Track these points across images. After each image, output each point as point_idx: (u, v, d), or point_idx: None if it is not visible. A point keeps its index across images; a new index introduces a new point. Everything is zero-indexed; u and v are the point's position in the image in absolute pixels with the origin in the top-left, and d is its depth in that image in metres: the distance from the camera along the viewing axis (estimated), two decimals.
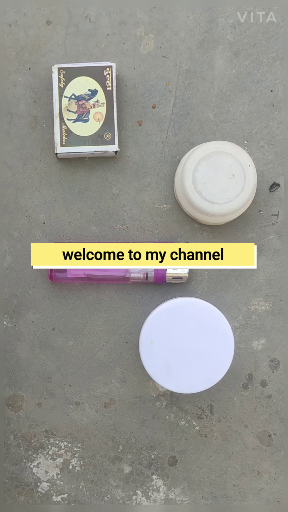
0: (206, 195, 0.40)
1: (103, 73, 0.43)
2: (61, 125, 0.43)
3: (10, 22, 0.45)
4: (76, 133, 0.43)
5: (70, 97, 0.43)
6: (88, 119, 0.43)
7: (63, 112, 0.43)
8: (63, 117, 0.43)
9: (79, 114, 0.43)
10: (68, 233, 0.45)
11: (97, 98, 0.43)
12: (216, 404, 0.45)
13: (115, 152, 0.43)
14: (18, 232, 0.46)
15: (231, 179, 0.39)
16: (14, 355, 0.46)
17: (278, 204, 0.45)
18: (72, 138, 0.43)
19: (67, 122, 0.43)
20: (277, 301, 0.45)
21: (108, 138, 0.43)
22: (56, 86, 0.43)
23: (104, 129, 0.43)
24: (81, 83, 0.43)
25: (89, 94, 0.43)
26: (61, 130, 0.43)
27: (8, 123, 0.45)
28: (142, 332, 0.40)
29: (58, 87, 0.43)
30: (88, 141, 0.43)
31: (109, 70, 0.43)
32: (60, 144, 0.43)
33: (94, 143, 0.43)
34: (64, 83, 0.43)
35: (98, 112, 0.43)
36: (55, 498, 0.46)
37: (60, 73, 0.43)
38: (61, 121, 0.43)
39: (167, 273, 0.43)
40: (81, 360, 0.46)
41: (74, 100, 0.43)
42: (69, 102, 0.43)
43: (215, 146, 0.40)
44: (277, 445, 0.45)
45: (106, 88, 0.43)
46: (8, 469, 0.46)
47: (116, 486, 0.46)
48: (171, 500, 0.46)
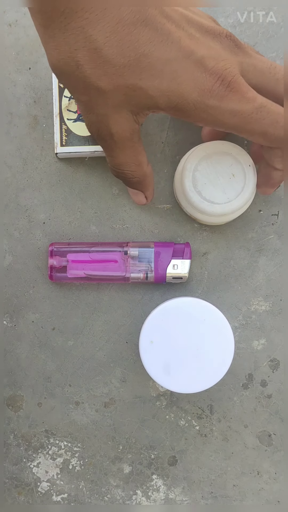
0: (206, 195, 0.40)
1: None
2: (61, 125, 0.43)
3: (10, 22, 0.45)
4: (76, 133, 0.43)
5: (70, 97, 0.43)
6: None
7: (63, 112, 0.43)
8: (63, 117, 0.43)
9: (79, 114, 0.43)
10: (68, 233, 0.45)
11: None
12: (216, 404, 0.45)
13: None
14: (18, 232, 0.46)
15: (231, 179, 0.39)
16: (14, 355, 0.46)
17: (278, 204, 0.45)
18: (72, 138, 0.43)
19: (67, 122, 0.43)
20: (277, 301, 0.45)
21: None
22: (56, 86, 0.43)
23: None
24: None
25: None
26: (61, 130, 0.43)
27: (8, 123, 0.45)
28: (142, 332, 0.40)
29: (58, 86, 0.43)
30: (88, 141, 0.43)
31: None
32: (60, 144, 0.43)
33: (94, 142, 0.43)
34: None
35: None
36: (55, 498, 0.46)
37: None
38: (61, 121, 0.43)
39: (167, 273, 0.43)
40: (81, 360, 0.46)
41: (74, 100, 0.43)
42: (69, 102, 0.43)
43: (215, 146, 0.40)
44: (277, 445, 0.45)
45: None
46: (8, 469, 0.46)
47: (116, 486, 0.46)
48: (171, 500, 0.46)
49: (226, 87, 0.32)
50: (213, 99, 0.32)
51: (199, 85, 0.32)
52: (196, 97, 0.32)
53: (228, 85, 0.32)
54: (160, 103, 0.33)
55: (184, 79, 0.32)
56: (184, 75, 0.32)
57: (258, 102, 0.33)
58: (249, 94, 0.33)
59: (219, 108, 0.33)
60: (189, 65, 0.32)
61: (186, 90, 0.32)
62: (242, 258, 0.45)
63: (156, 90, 0.32)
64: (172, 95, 0.32)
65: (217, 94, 0.32)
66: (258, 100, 0.33)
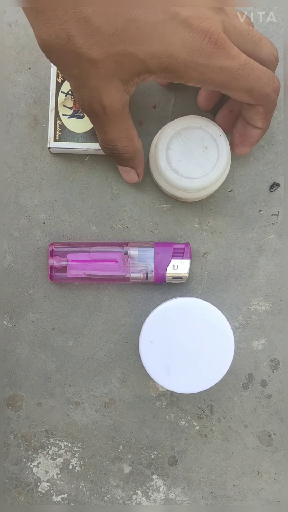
0: (183, 172, 0.40)
1: None
2: (56, 120, 0.43)
3: (10, 22, 0.45)
4: (70, 129, 0.43)
5: (67, 92, 0.43)
6: (83, 116, 0.43)
7: (59, 107, 0.43)
8: (59, 112, 0.43)
9: (74, 110, 0.43)
10: (68, 233, 0.45)
11: None
12: (216, 404, 0.45)
13: None
14: (18, 232, 0.46)
15: (205, 152, 0.40)
16: (14, 355, 0.46)
17: (278, 204, 0.45)
18: (66, 133, 0.43)
19: (62, 118, 0.43)
20: (277, 301, 0.45)
21: None
22: (54, 81, 0.43)
23: None
24: None
25: None
26: (56, 125, 0.43)
27: (8, 123, 0.45)
28: (142, 332, 0.40)
29: (56, 81, 0.43)
30: (82, 137, 0.43)
31: None
32: (54, 139, 0.43)
33: (88, 140, 0.43)
34: (62, 78, 0.43)
35: None
36: (55, 498, 0.46)
37: None
38: (56, 116, 0.43)
39: (167, 273, 0.43)
40: (81, 360, 0.46)
41: (70, 95, 0.43)
42: (66, 97, 0.43)
43: (183, 122, 0.40)
44: (277, 445, 0.45)
45: None
46: (8, 469, 0.46)
47: (116, 486, 0.46)
48: (171, 500, 0.46)
49: (213, 45, 0.33)
50: (202, 57, 0.33)
51: (188, 45, 0.33)
52: (186, 56, 0.33)
53: (216, 42, 0.33)
54: (151, 66, 0.33)
55: (172, 40, 0.33)
56: (172, 37, 0.32)
57: (243, 59, 0.34)
58: (234, 51, 0.34)
59: (209, 65, 0.33)
60: (175, 27, 0.33)
61: (176, 50, 0.33)
62: (242, 258, 0.45)
63: (146, 54, 0.33)
64: (162, 57, 0.33)
65: (206, 52, 0.33)
66: (242, 57, 0.34)
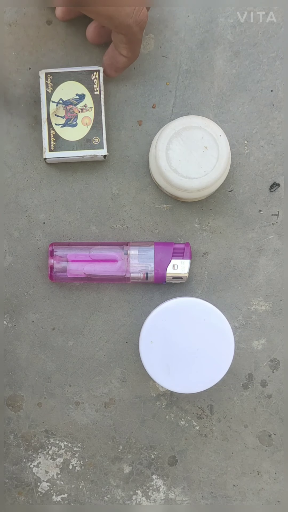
0: (183, 172, 0.40)
1: (90, 77, 0.43)
2: (49, 130, 0.43)
3: (10, 22, 0.45)
4: (64, 138, 0.43)
5: (58, 102, 0.43)
6: (76, 123, 0.43)
7: (51, 117, 0.43)
8: (51, 122, 0.43)
9: (67, 119, 0.43)
10: (68, 233, 0.45)
11: (85, 103, 0.43)
12: (216, 404, 0.45)
13: (104, 156, 0.43)
14: (18, 232, 0.46)
15: (205, 152, 0.40)
16: (14, 355, 0.46)
17: (278, 204, 0.45)
18: (60, 143, 0.43)
19: (55, 127, 0.43)
20: (277, 301, 0.45)
21: (96, 142, 0.43)
22: (44, 91, 0.43)
23: (93, 134, 0.43)
24: (68, 88, 0.43)
25: (76, 98, 0.43)
26: (49, 135, 0.43)
27: (8, 123, 0.45)
28: (142, 332, 0.40)
29: (45, 92, 0.43)
30: (76, 145, 0.43)
31: (96, 74, 0.43)
32: (49, 149, 0.43)
33: (83, 147, 0.43)
34: (51, 88, 0.43)
35: (86, 116, 0.43)
36: (55, 498, 0.46)
37: (48, 78, 0.43)
38: (49, 126, 0.43)
39: (167, 273, 0.43)
40: (81, 360, 0.46)
41: (62, 105, 0.43)
42: (57, 107, 0.43)
43: (183, 122, 0.40)
44: (277, 445, 0.45)
45: (94, 92, 0.43)
46: (8, 469, 0.46)
47: (116, 486, 0.46)
48: (171, 500, 0.46)
49: None
50: None
51: None
52: None
53: None
54: None
55: None
56: None
57: None
58: None
59: None
60: None
61: None
62: (242, 258, 0.45)
63: None
64: None
65: None
66: None
